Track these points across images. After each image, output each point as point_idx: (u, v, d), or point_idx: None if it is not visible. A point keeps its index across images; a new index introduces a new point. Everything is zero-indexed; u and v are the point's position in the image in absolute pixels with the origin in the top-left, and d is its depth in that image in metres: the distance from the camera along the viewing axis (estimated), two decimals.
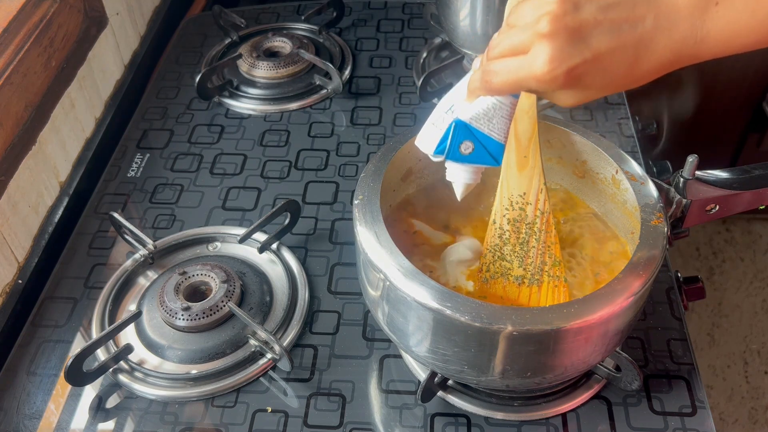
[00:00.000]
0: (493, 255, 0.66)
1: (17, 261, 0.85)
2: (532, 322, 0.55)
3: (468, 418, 0.69)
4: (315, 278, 0.82)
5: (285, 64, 1.07)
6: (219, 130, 1.02)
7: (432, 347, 0.61)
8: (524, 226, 0.64)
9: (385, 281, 0.59)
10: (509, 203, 0.64)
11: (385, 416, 0.70)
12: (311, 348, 0.75)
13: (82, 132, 1.01)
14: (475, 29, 0.97)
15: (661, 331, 0.75)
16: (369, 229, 0.62)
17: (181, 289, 0.76)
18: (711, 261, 1.86)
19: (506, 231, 0.64)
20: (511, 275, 0.65)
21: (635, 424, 0.68)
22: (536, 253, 0.64)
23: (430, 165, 0.75)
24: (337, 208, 0.90)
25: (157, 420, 0.70)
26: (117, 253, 0.86)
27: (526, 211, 0.64)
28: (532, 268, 0.64)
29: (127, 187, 0.94)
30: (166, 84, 1.10)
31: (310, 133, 1.01)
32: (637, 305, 0.60)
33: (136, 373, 0.73)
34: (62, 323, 0.79)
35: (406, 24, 1.20)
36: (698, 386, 0.71)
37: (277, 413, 0.70)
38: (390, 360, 0.74)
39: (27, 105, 0.86)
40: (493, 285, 0.66)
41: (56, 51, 0.92)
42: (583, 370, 0.66)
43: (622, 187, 0.68)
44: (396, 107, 1.05)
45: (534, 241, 0.64)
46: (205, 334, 0.74)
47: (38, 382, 0.73)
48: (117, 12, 1.09)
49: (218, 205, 0.91)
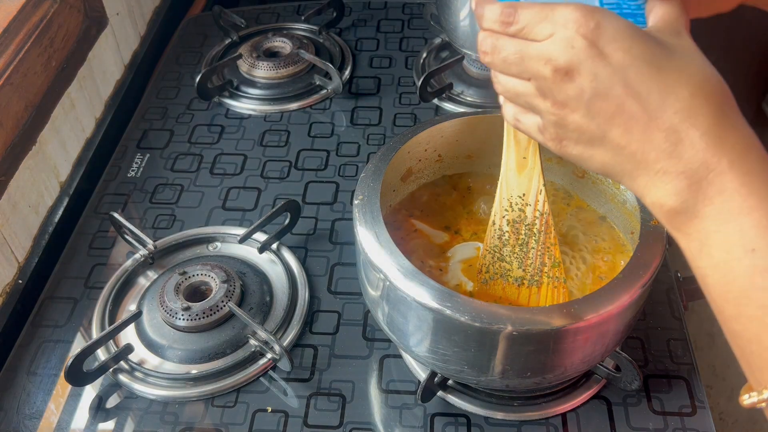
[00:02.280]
0: (493, 256, 0.66)
1: (17, 261, 0.85)
2: (532, 322, 0.55)
3: (468, 418, 0.69)
4: (315, 278, 0.82)
5: (285, 64, 1.07)
6: (219, 130, 1.02)
7: (432, 347, 0.61)
8: (523, 227, 0.64)
9: (385, 281, 0.59)
10: (508, 204, 0.64)
11: (385, 416, 0.70)
12: (311, 348, 0.75)
13: (82, 132, 1.01)
14: (475, 29, 0.97)
15: (661, 331, 0.75)
16: (369, 229, 0.62)
17: (181, 289, 0.76)
18: None
19: (505, 232, 0.64)
20: (510, 276, 0.65)
21: (635, 424, 0.68)
22: (536, 255, 0.64)
23: (430, 165, 0.75)
24: (337, 208, 0.90)
25: (157, 420, 0.70)
26: (117, 253, 0.86)
27: (525, 212, 0.64)
28: (532, 269, 0.64)
29: (127, 187, 0.94)
30: (166, 84, 1.10)
31: (310, 133, 1.01)
32: (637, 305, 0.60)
33: (136, 373, 0.73)
34: (62, 323, 0.79)
35: (406, 24, 1.20)
36: (698, 386, 0.71)
37: (277, 413, 0.70)
38: (390, 360, 0.74)
39: (27, 105, 0.86)
40: (493, 286, 0.66)
41: (56, 51, 0.92)
42: (583, 370, 0.66)
43: (622, 187, 0.68)
44: (396, 107, 1.05)
45: (533, 242, 0.64)
46: (205, 334, 0.74)
47: (38, 382, 0.73)
48: (117, 12, 1.09)
49: (218, 205, 0.91)
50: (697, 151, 0.43)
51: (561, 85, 0.45)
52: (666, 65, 0.43)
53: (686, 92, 0.43)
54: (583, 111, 0.45)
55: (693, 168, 0.43)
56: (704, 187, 0.43)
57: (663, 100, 0.43)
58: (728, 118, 0.43)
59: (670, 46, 0.45)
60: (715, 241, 0.43)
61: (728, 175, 0.42)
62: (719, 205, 0.43)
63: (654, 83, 0.43)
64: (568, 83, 0.44)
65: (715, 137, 0.42)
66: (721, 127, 0.43)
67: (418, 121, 1.02)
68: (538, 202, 0.63)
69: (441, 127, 0.72)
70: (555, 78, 0.44)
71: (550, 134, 0.48)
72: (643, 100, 0.43)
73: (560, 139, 0.48)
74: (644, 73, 0.43)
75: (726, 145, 0.43)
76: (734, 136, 0.43)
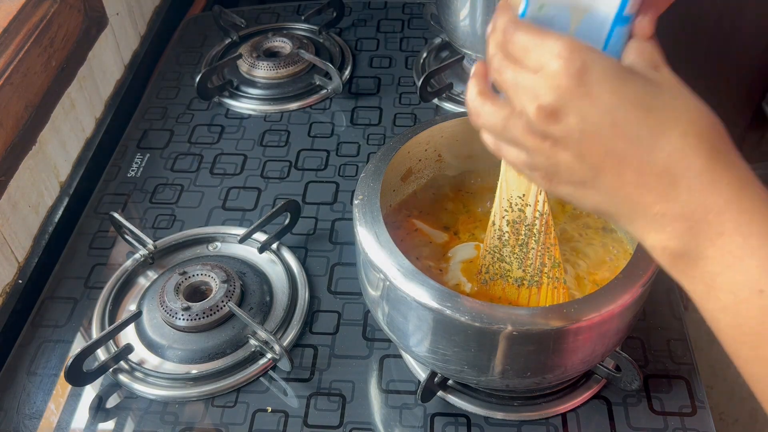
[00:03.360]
0: (492, 256, 0.66)
1: (17, 261, 0.85)
2: (532, 322, 0.55)
3: (468, 418, 0.69)
4: (315, 278, 0.82)
5: (285, 64, 1.07)
6: (219, 130, 1.02)
7: (432, 347, 0.61)
8: (523, 227, 0.64)
9: (385, 281, 0.59)
10: (508, 204, 0.64)
11: (385, 416, 0.70)
12: (311, 348, 0.75)
13: (82, 132, 1.01)
14: (475, 29, 0.97)
15: (661, 331, 0.75)
16: (369, 229, 0.62)
17: (181, 289, 0.76)
18: None
19: (505, 232, 0.64)
20: (510, 277, 0.65)
21: (635, 424, 0.68)
22: (535, 255, 0.64)
23: (430, 165, 0.75)
24: (337, 208, 0.90)
25: (157, 420, 0.70)
26: (117, 253, 0.86)
27: (525, 212, 0.64)
28: (532, 269, 0.64)
29: (127, 187, 0.94)
30: (166, 84, 1.10)
31: (310, 133, 1.01)
32: (637, 305, 0.60)
33: (136, 373, 0.73)
34: (62, 323, 0.79)
35: (406, 24, 1.20)
36: (698, 386, 0.71)
37: (277, 413, 0.70)
38: (390, 360, 0.74)
39: (27, 105, 0.86)
40: (493, 286, 0.66)
41: (56, 51, 0.92)
42: (583, 370, 0.66)
43: None
44: (396, 107, 1.05)
45: (533, 243, 0.64)
46: (205, 334, 0.74)
47: (38, 382, 0.73)
48: (117, 12, 1.09)
49: (218, 205, 0.91)
50: (693, 192, 0.41)
51: (547, 125, 0.43)
52: (654, 105, 0.42)
53: (677, 133, 0.42)
54: (572, 151, 0.43)
55: (690, 210, 0.42)
56: (704, 228, 0.42)
57: (654, 143, 0.42)
58: (722, 155, 0.42)
59: (654, 82, 0.43)
60: (721, 284, 0.42)
61: (726, 215, 0.41)
62: (720, 246, 0.42)
63: (644, 125, 0.42)
64: (554, 124, 0.43)
65: (710, 177, 0.41)
66: (715, 166, 0.42)
67: (418, 121, 1.02)
68: (538, 202, 0.62)
69: (441, 127, 0.72)
70: (539, 116, 0.43)
71: (540, 173, 0.47)
72: (634, 142, 0.42)
73: (550, 178, 0.46)
74: (633, 115, 0.42)
75: (722, 183, 0.41)
76: (729, 174, 0.42)
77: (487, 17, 0.95)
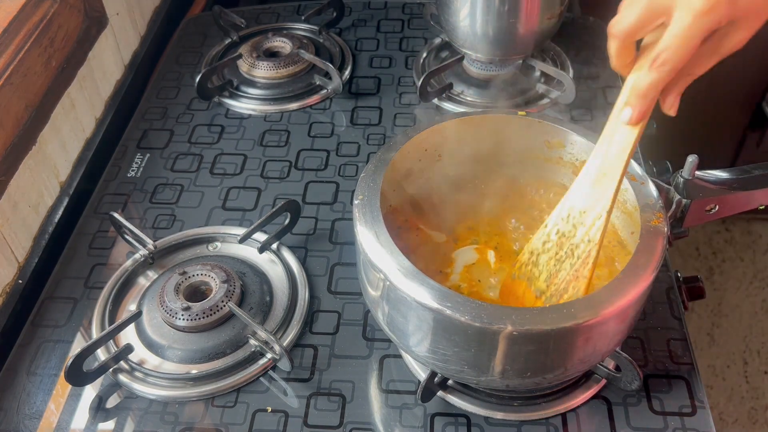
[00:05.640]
0: (530, 257, 0.65)
1: (17, 261, 0.85)
2: (532, 322, 0.55)
3: (468, 418, 0.69)
4: (315, 278, 0.82)
5: (285, 64, 1.07)
6: (219, 130, 1.02)
7: (432, 347, 0.61)
8: (568, 243, 0.62)
9: (385, 281, 0.59)
10: (567, 215, 0.62)
11: (385, 416, 0.70)
12: (311, 348, 0.75)
13: (83, 132, 1.01)
14: (475, 29, 0.97)
15: (661, 331, 0.75)
16: (369, 229, 0.62)
17: (181, 289, 0.76)
18: (711, 261, 1.86)
19: (551, 240, 0.63)
20: (534, 284, 0.64)
21: (635, 424, 0.68)
22: (564, 277, 0.62)
23: (431, 165, 0.75)
24: (337, 208, 0.90)
25: (157, 420, 0.70)
26: (117, 253, 0.86)
27: (576, 230, 0.61)
28: (554, 288, 0.63)
29: (127, 187, 0.94)
30: (166, 84, 1.10)
31: (310, 133, 1.01)
32: (637, 305, 0.60)
33: (136, 373, 0.73)
34: (62, 323, 0.79)
35: (406, 24, 1.20)
36: (698, 386, 0.71)
37: (277, 413, 0.70)
38: (390, 360, 0.74)
39: (27, 105, 0.86)
40: (517, 285, 0.66)
41: (56, 51, 0.92)
42: (583, 370, 0.66)
43: (623, 187, 0.68)
44: (396, 107, 1.05)
45: (569, 266, 0.61)
46: (205, 334, 0.74)
47: (38, 382, 0.73)
48: (117, 12, 1.09)
49: (218, 205, 0.91)
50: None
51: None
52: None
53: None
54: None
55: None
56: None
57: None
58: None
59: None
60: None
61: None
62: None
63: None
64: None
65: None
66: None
67: (418, 121, 1.02)
68: (593, 226, 0.60)
69: (441, 127, 0.72)
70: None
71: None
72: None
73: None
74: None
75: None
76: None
77: (487, 17, 0.95)
